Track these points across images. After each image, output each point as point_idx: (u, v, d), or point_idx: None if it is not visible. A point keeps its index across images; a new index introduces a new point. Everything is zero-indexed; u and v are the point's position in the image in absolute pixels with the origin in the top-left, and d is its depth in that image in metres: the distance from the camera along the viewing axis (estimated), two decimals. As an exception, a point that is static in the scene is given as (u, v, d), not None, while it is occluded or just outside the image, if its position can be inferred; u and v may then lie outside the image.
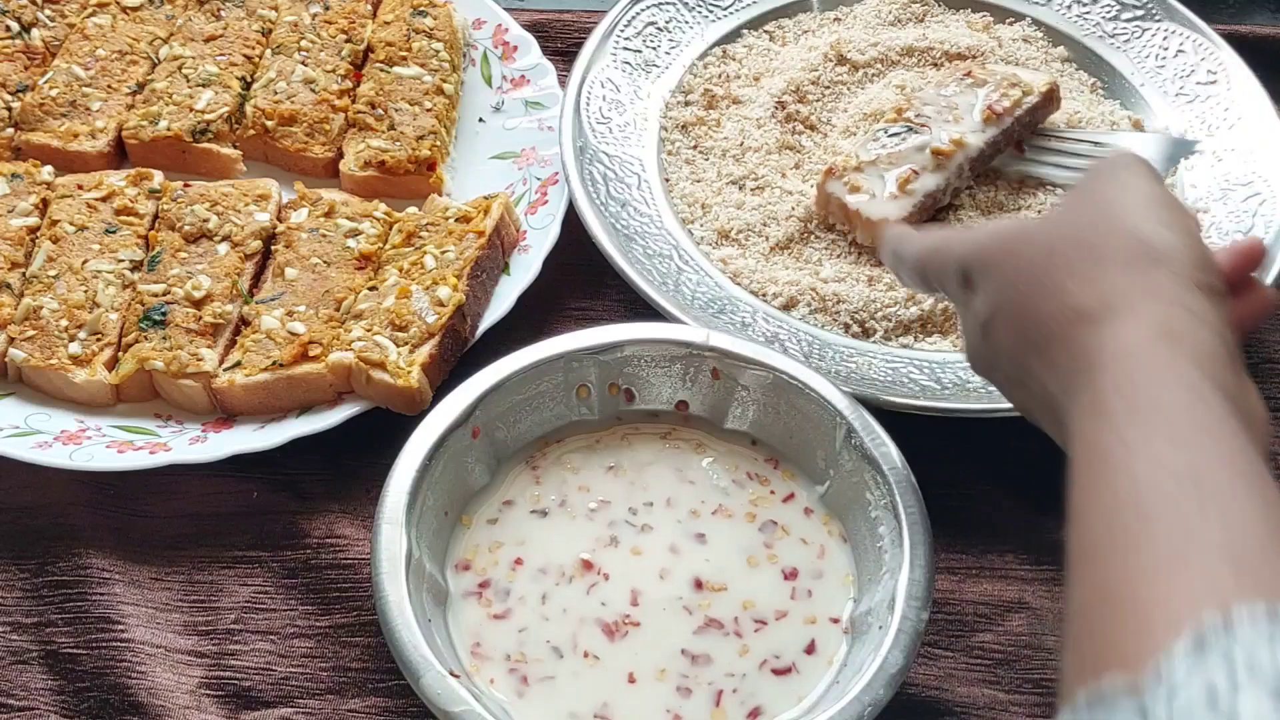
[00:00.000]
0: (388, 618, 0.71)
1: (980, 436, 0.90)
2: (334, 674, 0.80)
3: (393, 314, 0.91)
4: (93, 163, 1.03)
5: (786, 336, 0.91)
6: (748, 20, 1.13)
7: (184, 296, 0.93)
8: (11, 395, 0.92)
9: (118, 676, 0.79)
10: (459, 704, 0.68)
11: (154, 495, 0.88)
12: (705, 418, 0.85)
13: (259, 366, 0.89)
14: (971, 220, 0.98)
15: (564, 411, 0.85)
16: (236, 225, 0.97)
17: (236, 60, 1.08)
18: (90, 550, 0.84)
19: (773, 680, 0.74)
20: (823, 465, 0.81)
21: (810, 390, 0.81)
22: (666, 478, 0.83)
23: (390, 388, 0.88)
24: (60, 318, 0.92)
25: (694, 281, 0.95)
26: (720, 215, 0.99)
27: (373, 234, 0.97)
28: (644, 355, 0.85)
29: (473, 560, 0.79)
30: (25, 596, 0.83)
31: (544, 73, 1.09)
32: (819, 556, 0.79)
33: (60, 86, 1.05)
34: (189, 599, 0.83)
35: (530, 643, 0.76)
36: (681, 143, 1.05)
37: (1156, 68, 1.09)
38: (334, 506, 0.87)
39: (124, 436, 0.89)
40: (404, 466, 0.77)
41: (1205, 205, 1.00)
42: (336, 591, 0.83)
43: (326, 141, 1.04)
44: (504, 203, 0.98)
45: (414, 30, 1.09)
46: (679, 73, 1.09)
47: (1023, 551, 0.86)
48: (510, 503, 0.82)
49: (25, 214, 0.98)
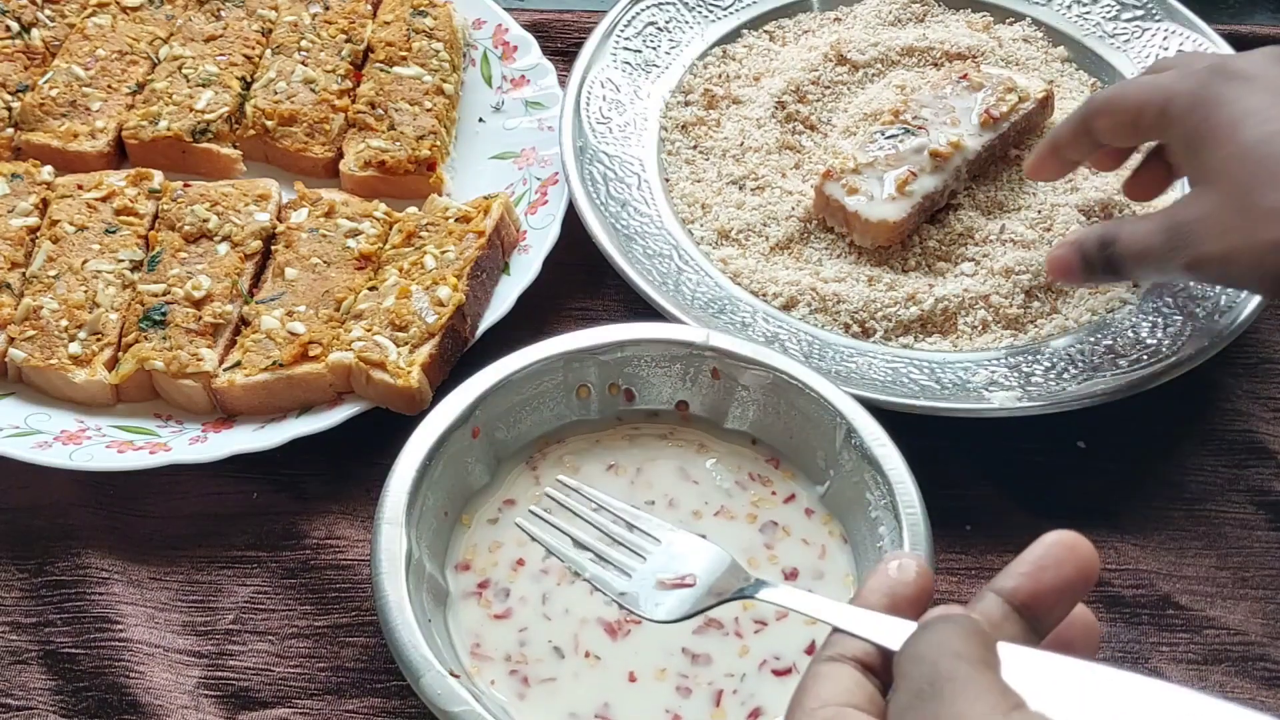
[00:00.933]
0: (388, 618, 0.71)
1: (980, 436, 0.90)
2: (333, 674, 0.80)
3: (393, 314, 0.91)
4: (93, 163, 1.03)
5: (786, 336, 0.91)
6: (748, 20, 1.13)
7: (184, 296, 0.93)
8: (11, 395, 0.92)
9: (116, 676, 0.79)
10: (459, 704, 0.68)
11: (154, 495, 0.88)
12: (705, 418, 0.85)
13: (259, 366, 0.89)
14: (970, 220, 0.98)
15: (564, 411, 0.85)
16: (236, 225, 0.97)
17: (236, 60, 1.08)
18: (89, 550, 0.84)
19: (773, 680, 0.74)
20: (823, 465, 0.81)
21: (810, 390, 0.81)
22: (668, 478, 0.83)
23: (390, 388, 0.88)
24: (60, 318, 0.92)
25: (694, 281, 0.95)
26: (720, 215, 0.99)
27: (373, 234, 0.97)
28: (644, 355, 0.85)
29: (473, 560, 0.79)
30: (24, 596, 0.83)
31: (544, 73, 1.09)
32: (820, 557, 0.79)
33: (60, 86, 1.05)
34: (188, 599, 0.83)
35: (531, 643, 0.76)
36: (681, 143, 1.05)
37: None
38: (334, 507, 0.87)
39: (124, 436, 0.89)
40: (404, 466, 0.77)
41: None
42: (335, 592, 0.83)
43: (326, 141, 1.04)
44: (504, 203, 0.98)
45: (414, 30, 1.09)
46: (679, 73, 1.09)
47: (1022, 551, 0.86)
48: (511, 502, 0.82)
49: (25, 214, 0.98)
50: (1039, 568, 0.53)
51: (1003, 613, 0.52)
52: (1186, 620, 0.83)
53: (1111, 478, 0.90)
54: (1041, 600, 0.52)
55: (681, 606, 0.63)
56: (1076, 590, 0.53)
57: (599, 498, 0.72)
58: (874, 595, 0.55)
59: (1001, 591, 0.53)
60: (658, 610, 0.64)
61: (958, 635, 0.50)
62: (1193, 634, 0.83)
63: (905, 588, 0.55)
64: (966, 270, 0.95)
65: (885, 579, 0.55)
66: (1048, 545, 0.53)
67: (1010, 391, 0.88)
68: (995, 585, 0.53)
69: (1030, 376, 0.89)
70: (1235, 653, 0.82)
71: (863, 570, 0.78)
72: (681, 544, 0.66)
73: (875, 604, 0.54)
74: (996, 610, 0.52)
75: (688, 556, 0.65)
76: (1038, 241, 0.97)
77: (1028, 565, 0.53)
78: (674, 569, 0.65)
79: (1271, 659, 0.81)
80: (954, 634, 0.50)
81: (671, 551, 0.66)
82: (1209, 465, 0.91)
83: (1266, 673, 0.81)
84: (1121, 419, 0.90)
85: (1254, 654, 0.82)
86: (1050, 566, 0.52)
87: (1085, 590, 0.53)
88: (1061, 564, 0.53)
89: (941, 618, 0.51)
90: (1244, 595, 0.84)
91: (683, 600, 0.63)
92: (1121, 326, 0.93)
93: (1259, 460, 0.91)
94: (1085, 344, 0.92)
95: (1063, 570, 0.52)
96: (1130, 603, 0.84)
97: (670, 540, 0.67)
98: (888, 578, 0.55)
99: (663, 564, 0.66)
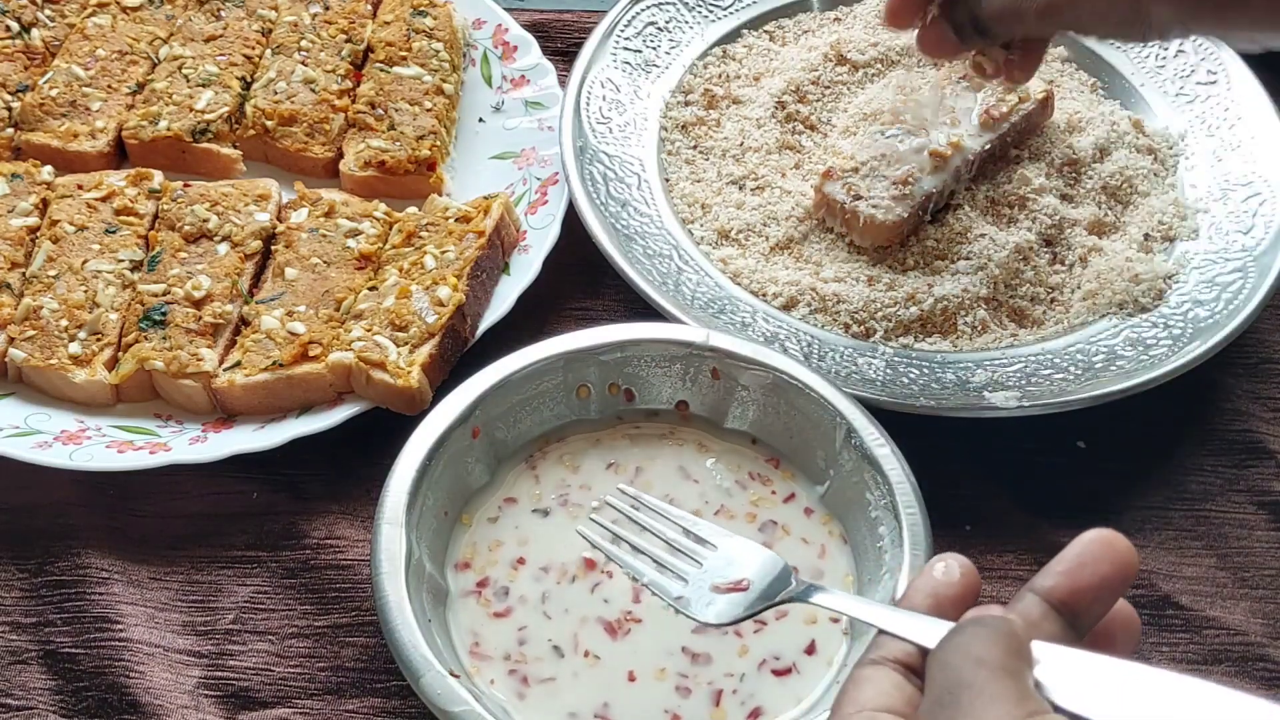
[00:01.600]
0: (388, 618, 0.71)
1: (980, 436, 0.90)
2: (333, 674, 0.80)
3: (393, 314, 0.91)
4: (93, 163, 1.03)
5: (786, 336, 0.91)
6: (748, 20, 1.13)
7: (184, 296, 0.93)
8: (11, 395, 0.92)
9: (116, 676, 0.79)
10: (459, 704, 0.68)
11: (154, 495, 0.88)
12: (705, 417, 0.85)
13: (259, 366, 0.89)
14: (971, 219, 0.98)
15: (564, 411, 0.85)
16: (236, 225, 0.97)
17: (236, 60, 1.08)
18: (89, 550, 0.84)
19: (772, 680, 0.74)
20: (823, 465, 0.81)
21: (810, 390, 0.81)
22: (668, 477, 0.83)
23: (390, 388, 0.88)
24: (60, 318, 0.92)
25: (694, 281, 0.95)
26: (720, 215, 0.99)
27: (373, 234, 0.97)
28: (644, 355, 0.85)
29: (472, 559, 0.79)
30: (24, 596, 0.83)
31: (544, 73, 1.09)
32: (819, 556, 0.79)
33: (60, 86, 1.05)
34: (188, 599, 0.83)
35: (530, 642, 0.76)
36: (681, 143, 1.05)
37: (1156, 68, 1.09)
38: (334, 507, 0.87)
39: (124, 436, 0.89)
40: (404, 466, 0.77)
41: (1205, 205, 1.00)
42: (335, 592, 0.83)
43: (326, 141, 1.04)
44: (504, 203, 0.98)
45: (414, 30, 1.09)
46: (679, 73, 1.09)
47: (1023, 551, 0.86)
48: (512, 500, 0.82)
49: (25, 214, 0.98)
50: (1077, 565, 0.53)
51: (1041, 611, 0.52)
52: (1186, 620, 0.83)
53: (1111, 478, 0.90)
54: (1080, 598, 0.52)
55: (733, 610, 0.65)
56: (1115, 587, 0.53)
57: (658, 505, 0.73)
58: (918, 596, 0.55)
59: (1039, 590, 0.53)
60: (708, 612, 0.66)
61: (982, 640, 0.50)
62: (1193, 634, 0.83)
63: (949, 588, 0.55)
64: (966, 270, 0.95)
65: (930, 580, 0.55)
66: (1086, 543, 0.53)
67: (1010, 391, 0.88)
68: (1034, 584, 0.53)
69: (1030, 376, 0.89)
70: (1235, 653, 0.82)
71: (863, 570, 0.78)
72: (737, 549, 0.68)
73: (919, 605, 0.55)
74: (1035, 609, 0.52)
75: (742, 562, 0.67)
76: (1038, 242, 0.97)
77: (1066, 563, 0.53)
78: (729, 574, 0.67)
79: (1271, 659, 0.81)
80: (979, 639, 0.50)
81: (728, 556, 0.68)
82: (1209, 465, 0.91)
83: (1266, 673, 0.81)
84: (1121, 419, 0.90)
85: (1254, 654, 0.82)
86: (1088, 564, 0.53)
87: (1124, 587, 0.53)
88: (1099, 561, 0.53)
89: (973, 620, 0.51)
90: (1244, 595, 0.84)
91: (734, 604, 0.65)
92: (1121, 327, 0.93)
93: (1259, 460, 0.91)
94: (1085, 344, 0.92)
95: (1100, 567, 0.53)
96: (1130, 602, 0.83)
97: (726, 546, 0.69)
98: (932, 579, 0.55)
99: (719, 569, 0.68)
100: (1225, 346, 0.91)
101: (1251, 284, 0.94)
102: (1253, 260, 0.95)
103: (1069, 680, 0.49)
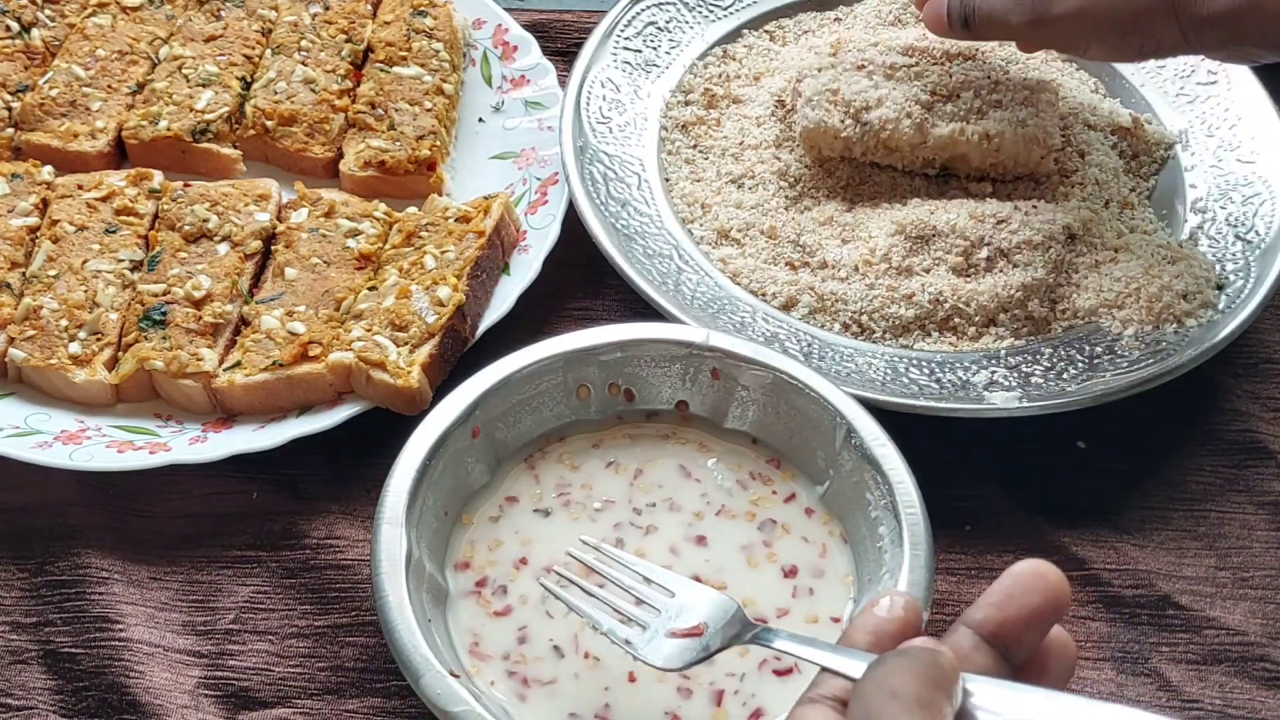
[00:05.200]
0: (388, 618, 0.71)
1: (980, 436, 0.90)
2: (333, 674, 0.80)
3: (393, 314, 0.91)
4: (93, 163, 1.03)
5: (786, 336, 0.91)
6: (748, 20, 1.13)
7: (184, 296, 0.93)
8: (11, 395, 0.92)
9: (116, 676, 0.79)
10: (459, 704, 0.68)
11: (154, 495, 0.88)
12: (705, 418, 0.85)
13: (259, 366, 0.89)
14: (966, 220, 0.98)
15: (564, 411, 0.85)
16: (236, 225, 0.97)
17: (236, 60, 1.08)
18: (89, 550, 0.84)
19: (773, 680, 0.74)
20: (823, 465, 0.81)
21: (810, 390, 0.81)
22: (669, 477, 0.83)
23: (390, 388, 0.88)
24: (60, 318, 0.92)
25: (694, 281, 0.95)
26: (720, 215, 0.99)
27: (373, 234, 0.97)
28: (644, 355, 0.85)
29: (471, 558, 0.79)
30: (24, 596, 0.83)
31: (544, 73, 1.09)
32: (820, 555, 0.79)
33: (60, 86, 1.05)
34: (188, 599, 0.83)
35: (530, 641, 0.76)
36: (681, 142, 1.05)
37: (1156, 68, 1.09)
38: (334, 507, 0.87)
39: (124, 436, 0.89)
40: (404, 466, 0.77)
41: (1205, 205, 1.00)
42: (335, 592, 0.83)
43: (326, 141, 1.04)
44: (504, 203, 0.98)
45: (414, 30, 1.09)
46: (679, 72, 1.09)
47: (1023, 552, 0.85)
48: (514, 499, 0.82)
49: (25, 214, 0.98)
50: (1006, 597, 0.54)
51: (972, 643, 0.53)
52: (1186, 620, 0.83)
53: (1111, 478, 0.90)
54: (1010, 629, 0.53)
55: (683, 655, 0.67)
56: (1046, 618, 0.54)
57: (619, 555, 0.74)
58: (859, 634, 0.56)
59: (970, 623, 0.54)
60: (657, 657, 0.68)
61: (898, 672, 0.50)
62: (1193, 634, 0.83)
63: (889, 624, 0.55)
64: (964, 269, 0.95)
65: (871, 617, 0.56)
66: (1016, 575, 0.54)
67: (1010, 391, 0.88)
68: (965, 617, 0.54)
69: (1030, 376, 0.89)
70: (1235, 653, 0.82)
71: (863, 569, 0.78)
72: (693, 596, 0.70)
73: (859, 642, 0.55)
74: (966, 641, 0.53)
75: (698, 607, 0.69)
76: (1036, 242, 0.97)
77: (996, 595, 0.54)
78: (685, 620, 0.69)
79: (1271, 659, 0.81)
80: (895, 671, 0.50)
81: (683, 603, 0.69)
82: (1209, 465, 0.91)
83: (1266, 673, 0.81)
84: (1121, 419, 0.90)
85: (1254, 654, 0.82)
86: (1017, 596, 0.54)
87: (1056, 617, 0.54)
88: (1029, 593, 0.54)
89: (895, 652, 0.52)
90: (1244, 595, 0.84)
91: (685, 649, 0.67)
92: (1121, 327, 0.93)
93: (1259, 460, 0.91)
94: (1085, 344, 0.92)
95: (1030, 599, 0.53)
96: (1130, 603, 0.84)
97: (683, 592, 0.70)
98: (874, 616, 0.56)
99: (675, 615, 0.69)
100: (1225, 347, 0.91)
101: (1251, 284, 0.94)
102: (1253, 260, 0.96)
103: (996, 713, 0.50)
